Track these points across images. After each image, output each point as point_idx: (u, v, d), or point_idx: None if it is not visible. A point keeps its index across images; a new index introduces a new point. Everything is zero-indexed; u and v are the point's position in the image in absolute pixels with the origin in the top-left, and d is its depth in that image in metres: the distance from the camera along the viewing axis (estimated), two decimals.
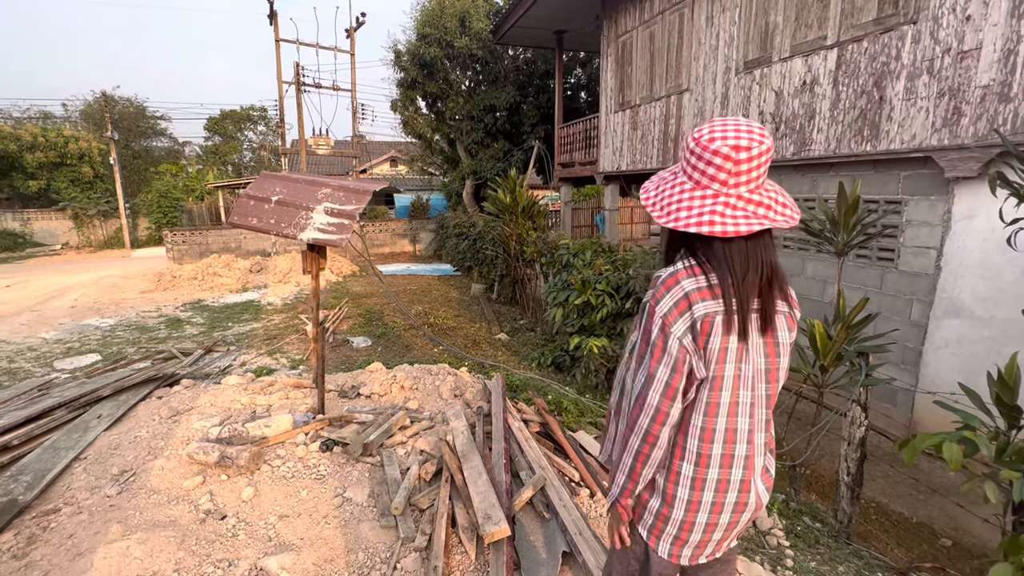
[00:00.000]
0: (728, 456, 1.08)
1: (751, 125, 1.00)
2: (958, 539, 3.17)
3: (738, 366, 1.03)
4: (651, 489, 1.15)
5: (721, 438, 1.07)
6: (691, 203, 1.01)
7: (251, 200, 3.04)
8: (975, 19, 3.53)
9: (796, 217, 1.02)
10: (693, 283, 1.02)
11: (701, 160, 1.01)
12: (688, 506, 1.09)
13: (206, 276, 11.13)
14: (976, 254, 3.70)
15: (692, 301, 1.01)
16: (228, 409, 3.49)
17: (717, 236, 0.99)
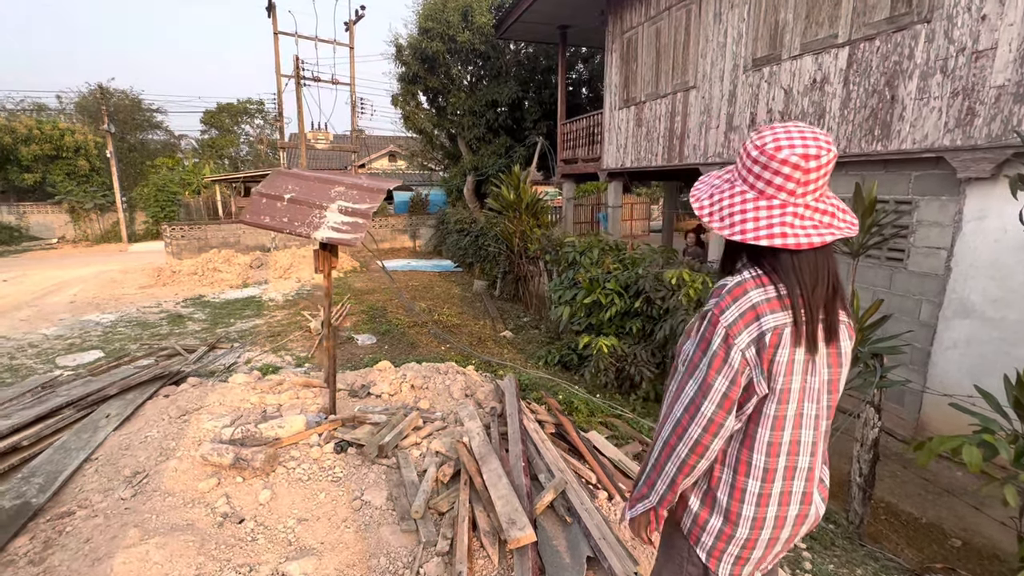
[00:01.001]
0: (791, 468, 1.07)
1: (816, 132, 0.98)
2: (968, 540, 3.19)
3: (804, 378, 1.02)
4: (710, 507, 1.11)
5: (785, 451, 1.06)
6: (757, 214, 0.99)
7: (264, 198, 3.00)
8: (991, 19, 3.51)
9: (855, 224, 1.01)
10: (761, 294, 1.00)
11: (767, 169, 0.99)
12: (753, 523, 1.07)
13: (206, 271, 11.05)
14: (987, 255, 3.69)
15: (760, 313, 0.99)
16: (238, 409, 3.46)
17: (790, 248, 0.98)
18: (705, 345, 1.03)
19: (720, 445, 1.05)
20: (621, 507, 2.40)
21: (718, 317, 1.02)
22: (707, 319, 1.05)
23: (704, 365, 1.03)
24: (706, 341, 1.03)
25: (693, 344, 1.07)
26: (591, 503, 2.23)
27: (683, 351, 1.14)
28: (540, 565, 1.92)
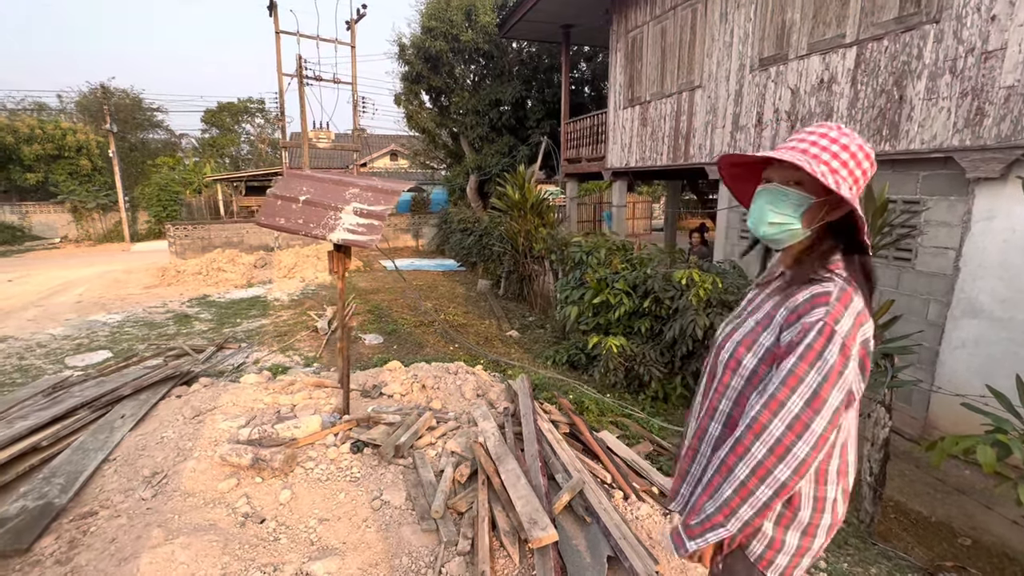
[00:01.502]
0: (849, 464, 1.10)
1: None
2: (978, 538, 3.21)
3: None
4: (785, 526, 1.06)
5: (849, 451, 1.09)
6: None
7: (278, 200, 3.02)
8: (1000, 19, 3.52)
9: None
10: (860, 301, 1.00)
11: (865, 176, 1.05)
12: (828, 530, 1.08)
13: (210, 271, 11.07)
14: (995, 255, 3.71)
15: (863, 321, 0.98)
16: (251, 409, 3.48)
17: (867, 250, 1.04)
18: (814, 356, 0.95)
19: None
20: (637, 507, 2.42)
21: (832, 328, 0.96)
22: (817, 330, 0.96)
23: (815, 379, 0.95)
24: (815, 352, 0.95)
25: (796, 358, 0.97)
26: (609, 503, 2.25)
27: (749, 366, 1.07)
28: (561, 564, 1.94)
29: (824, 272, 1.03)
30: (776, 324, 1.05)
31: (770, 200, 1.08)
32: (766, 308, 1.11)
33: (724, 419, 1.12)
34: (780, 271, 1.15)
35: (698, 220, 13.50)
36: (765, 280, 1.19)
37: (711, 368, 1.21)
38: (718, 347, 1.19)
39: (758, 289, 1.21)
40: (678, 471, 1.26)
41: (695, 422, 1.23)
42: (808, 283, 1.02)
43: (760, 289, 1.20)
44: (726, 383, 1.11)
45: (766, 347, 1.05)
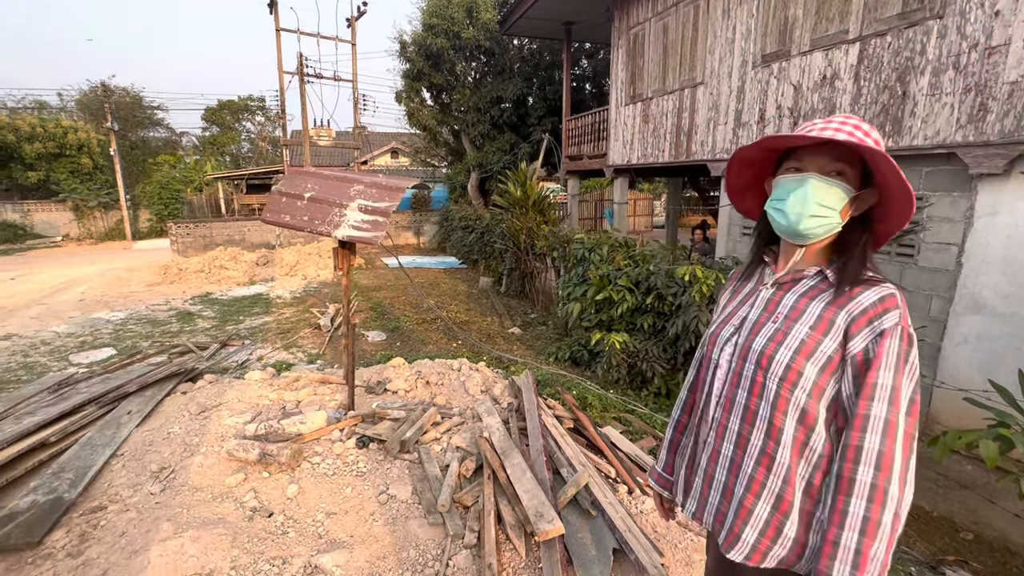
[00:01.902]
0: None
1: None
2: (979, 533, 3.22)
3: None
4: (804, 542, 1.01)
5: None
6: None
7: (283, 197, 3.04)
8: (1004, 14, 3.51)
9: None
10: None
11: None
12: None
13: (212, 269, 11.09)
14: (998, 251, 3.72)
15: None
16: (257, 405, 3.50)
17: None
18: (904, 365, 0.92)
19: None
20: (642, 501, 2.44)
21: (909, 331, 0.94)
22: (899, 336, 0.93)
23: (911, 388, 0.93)
24: (904, 360, 0.92)
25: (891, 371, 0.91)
26: (614, 496, 2.27)
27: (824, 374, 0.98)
28: (567, 557, 1.96)
29: (869, 271, 1.00)
30: (838, 329, 0.97)
31: (816, 190, 1.00)
32: (815, 311, 1.01)
33: (767, 428, 1.03)
34: (816, 270, 1.06)
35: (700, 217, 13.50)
36: (787, 279, 1.10)
37: (732, 378, 1.11)
38: (747, 355, 1.07)
39: (775, 288, 1.11)
40: (703, 474, 1.17)
41: (712, 434, 1.14)
42: (863, 283, 0.98)
43: (782, 289, 1.09)
44: (785, 397, 0.99)
45: (828, 355, 0.97)
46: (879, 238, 1.07)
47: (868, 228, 1.05)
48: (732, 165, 1.16)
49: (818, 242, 1.06)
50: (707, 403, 1.18)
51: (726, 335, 1.15)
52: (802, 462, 1.01)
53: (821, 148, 1.02)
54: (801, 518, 1.01)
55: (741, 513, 1.05)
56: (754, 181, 1.19)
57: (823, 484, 0.99)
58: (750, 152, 1.12)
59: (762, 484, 1.03)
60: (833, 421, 1.00)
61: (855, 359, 0.95)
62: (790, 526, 1.01)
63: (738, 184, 1.21)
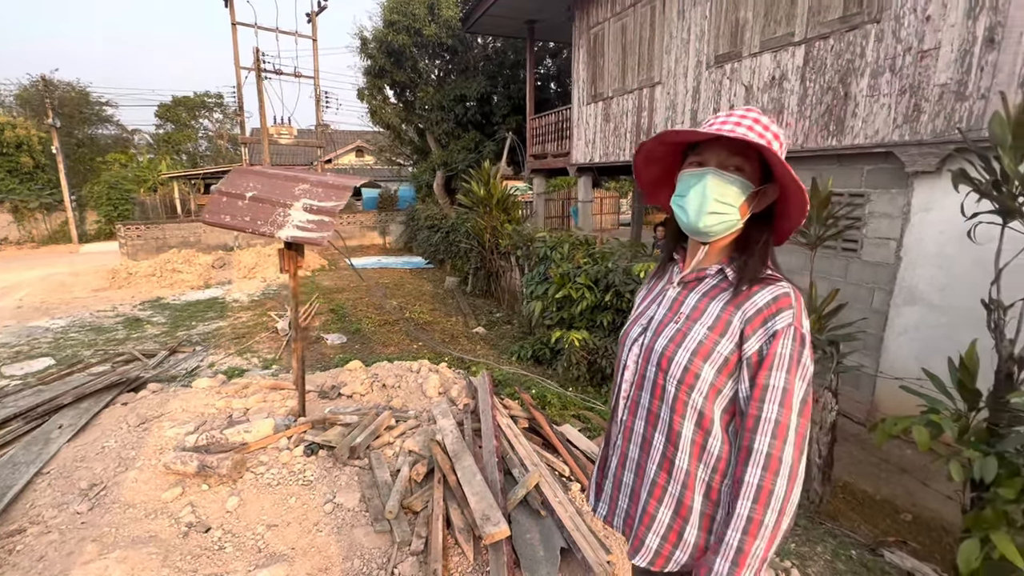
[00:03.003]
0: None
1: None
2: (917, 514, 3.38)
3: None
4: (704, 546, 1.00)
5: None
6: None
7: (224, 197, 2.91)
8: (934, 19, 3.69)
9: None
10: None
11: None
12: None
13: (164, 272, 10.62)
14: (933, 245, 3.90)
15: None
16: (202, 414, 3.35)
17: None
18: (796, 365, 0.91)
19: None
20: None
21: (802, 332, 0.93)
22: (792, 336, 0.92)
23: (803, 388, 0.92)
24: (796, 361, 0.91)
25: (782, 371, 0.91)
26: (564, 495, 2.26)
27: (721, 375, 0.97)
28: (515, 559, 1.94)
29: (769, 269, 1.00)
30: (734, 330, 0.95)
31: (713, 186, 0.98)
32: (713, 311, 0.99)
33: (667, 432, 1.02)
34: (717, 268, 1.04)
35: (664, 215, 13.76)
36: (691, 277, 1.07)
37: (637, 380, 1.09)
38: (650, 356, 1.05)
39: (681, 287, 1.09)
40: (612, 478, 1.16)
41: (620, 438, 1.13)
42: (760, 282, 0.96)
43: (687, 288, 1.08)
44: (682, 400, 0.98)
45: (725, 356, 0.96)
46: (780, 235, 1.06)
47: (769, 225, 1.05)
48: (637, 160, 1.13)
49: (721, 239, 1.04)
50: (616, 405, 1.16)
51: (634, 335, 1.13)
52: (701, 465, 0.99)
53: (720, 143, 1.00)
54: (701, 522, 1.00)
55: (645, 519, 1.04)
56: (665, 175, 1.16)
57: (721, 486, 0.99)
58: (653, 147, 1.09)
59: (663, 489, 1.02)
60: (731, 422, 0.99)
61: (750, 360, 0.94)
62: (690, 530, 1.00)
63: (649, 179, 1.18)
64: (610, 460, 1.18)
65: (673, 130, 1.02)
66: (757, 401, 0.91)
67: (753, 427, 0.91)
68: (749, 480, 0.90)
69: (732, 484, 0.95)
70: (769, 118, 1.02)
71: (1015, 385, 2.40)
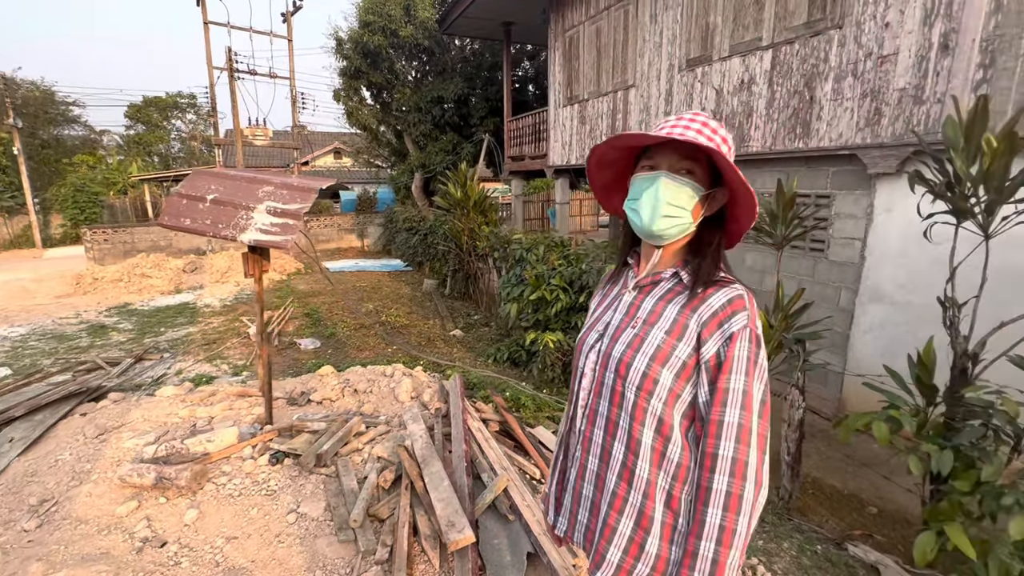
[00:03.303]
0: None
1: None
2: (882, 507, 3.46)
3: None
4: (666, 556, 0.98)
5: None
6: None
7: (184, 199, 2.82)
8: (893, 26, 3.80)
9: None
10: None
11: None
12: None
13: (133, 277, 10.30)
14: (895, 244, 4.01)
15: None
16: (164, 424, 3.25)
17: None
18: (754, 367, 0.91)
19: None
20: None
21: (757, 333, 0.93)
22: (748, 338, 0.92)
23: (761, 390, 0.92)
24: (753, 363, 0.91)
25: (741, 374, 0.91)
26: (532, 499, 2.25)
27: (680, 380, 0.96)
28: (481, 564, 1.92)
29: (721, 271, 1.00)
30: (691, 333, 0.95)
31: (665, 189, 0.97)
32: (669, 315, 0.98)
33: (627, 440, 0.99)
34: (671, 272, 1.03)
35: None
36: (646, 281, 1.06)
37: (595, 388, 1.07)
38: (607, 362, 1.03)
39: (636, 292, 1.07)
40: (572, 491, 1.13)
41: (578, 448, 1.10)
42: (715, 285, 0.97)
43: (643, 292, 1.06)
44: (642, 407, 0.96)
45: (683, 360, 0.95)
46: (731, 238, 1.07)
47: (721, 228, 1.05)
48: (590, 164, 1.12)
49: (674, 243, 1.04)
50: (573, 415, 1.13)
51: (591, 341, 1.10)
52: (661, 473, 0.97)
53: (671, 146, 1.00)
54: (662, 532, 0.98)
55: (605, 532, 1.02)
56: (618, 180, 1.15)
57: (682, 494, 0.97)
58: (605, 151, 1.08)
59: (624, 500, 1.00)
60: (691, 428, 0.98)
61: (708, 364, 0.93)
62: (651, 541, 0.98)
63: (603, 182, 1.17)
64: (569, 472, 1.15)
65: (624, 133, 1.01)
66: (719, 405, 0.91)
67: (716, 432, 0.90)
68: (717, 487, 0.89)
69: (695, 491, 0.93)
70: (718, 122, 1.02)
71: (969, 380, 2.48)
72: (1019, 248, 2.34)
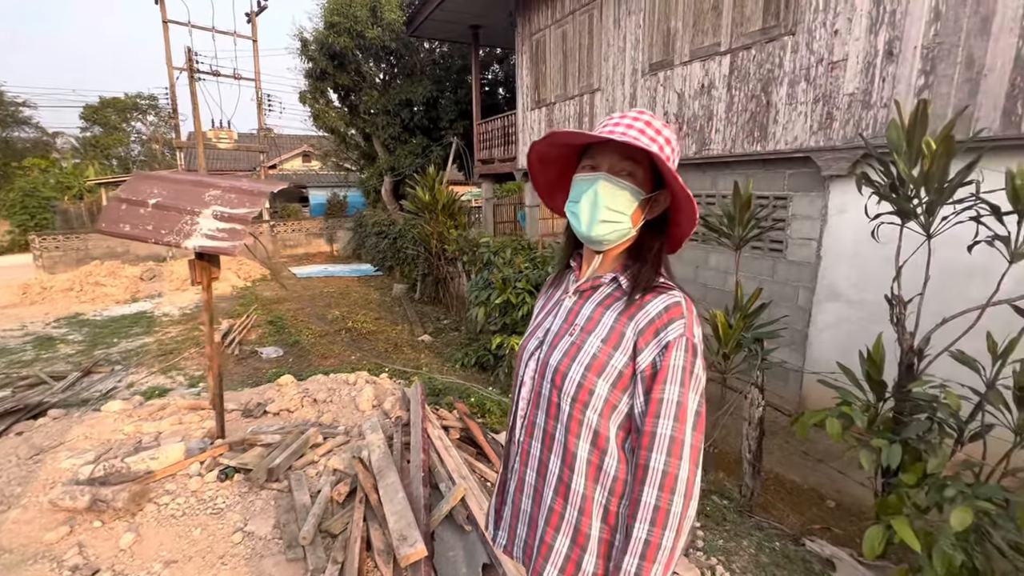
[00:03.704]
0: None
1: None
2: (840, 500, 3.55)
3: None
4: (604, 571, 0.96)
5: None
6: None
7: (123, 204, 2.68)
8: (842, 33, 3.92)
9: None
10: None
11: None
12: None
13: (86, 286, 9.83)
14: (849, 244, 4.13)
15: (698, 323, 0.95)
16: (108, 441, 3.08)
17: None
18: (690, 378, 0.89)
19: None
20: None
21: (694, 342, 0.91)
22: (684, 347, 0.89)
23: (697, 401, 0.90)
24: (689, 373, 0.89)
25: (676, 385, 0.89)
26: None
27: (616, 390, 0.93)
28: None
29: (662, 277, 0.97)
30: (628, 342, 0.92)
31: (604, 192, 0.94)
32: (607, 322, 0.95)
33: (563, 454, 0.96)
34: (611, 277, 1.00)
35: None
36: (586, 286, 1.03)
37: (533, 398, 1.03)
38: (545, 371, 1.00)
39: (576, 297, 1.03)
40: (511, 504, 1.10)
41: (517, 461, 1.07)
42: (653, 291, 0.93)
43: (582, 298, 1.02)
44: (577, 419, 0.93)
45: (619, 370, 0.92)
46: (673, 242, 1.04)
47: (663, 233, 1.02)
48: (531, 161, 1.08)
49: (615, 247, 1.00)
50: (513, 425, 1.09)
51: (531, 349, 1.06)
52: (598, 488, 0.94)
53: (611, 146, 0.96)
54: (599, 549, 0.95)
55: (543, 549, 0.98)
56: (561, 178, 1.10)
57: (619, 508, 0.94)
58: (545, 148, 1.04)
59: (560, 516, 0.97)
60: (627, 439, 0.95)
61: (644, 374, 0.90)
62: (588, 559, 0.95)
63: (547, 181, 1.13)
64: (508, 484, 1.11)
65: (561, 131, 0.97)
66: (652, 417, 0.88)
67: (649, 444, 0.88)
68: (646, 501, 0.87)
69: (629, 505, 0.91)
70: (662, 122, 0.99)
71: (915, 375, 2.55)
72: (959, 247, 2.42)
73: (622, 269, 1.01)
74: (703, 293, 5.53)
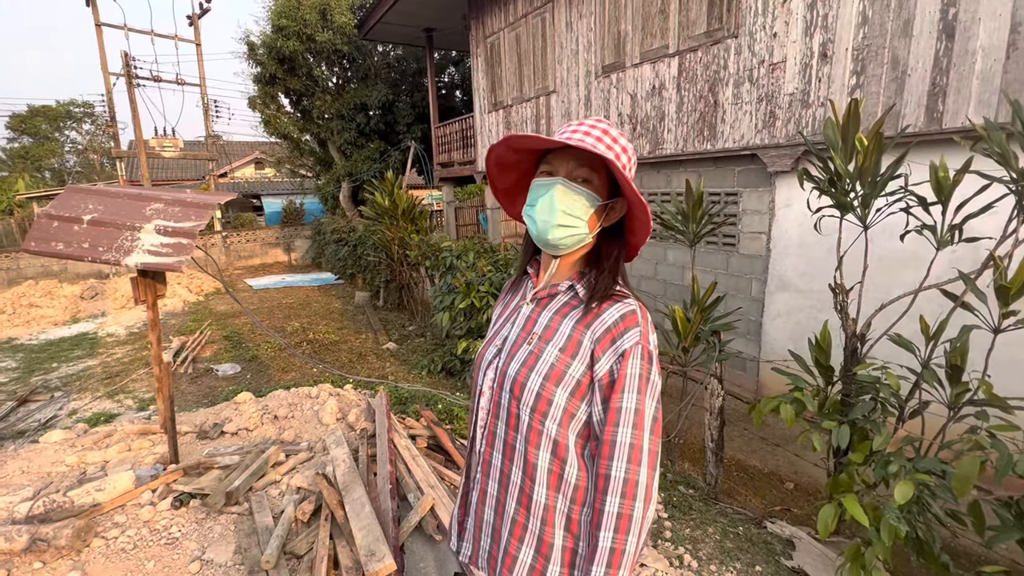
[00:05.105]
0: None
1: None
2: (798, 481, 3.71)
3: None
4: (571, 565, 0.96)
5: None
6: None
7: (54, 220, 2.51)
8: (780, 36, 4.11)
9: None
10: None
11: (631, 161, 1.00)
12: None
13: (19, 308, 9.16)
14: (795, 236, 4.33)
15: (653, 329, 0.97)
16: (48, 475, 2.88)
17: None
18: (646, 385, 0.91)
19: None
20: None
21: (650, 349, 0.92)
22: (640, 355, 0.91)
23: (654, 407, 0.91)
24: (646, 380, 0.90)
25: (633, 392, 0.90)
26: None
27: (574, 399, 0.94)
28: None
29: (618, 285, 0.98)
30: (585, 350, 0.92)
31: (561, 197, 0.94)
32: (564, 331, 0.95)
33: (523, 464, 0.96)
34: (568, 284, 1.00)
35: None
36: (544, 294, 1.03)
37: (493, 408, 1.03)
38: (503, 381, 1.00)
39: (534, 304, 1.03)
40: (474, 515, 1.09)
41: (479, 471, 1.07)
42: (610, 299, 0.94)
43: (540, 305, 1.02)
44: (537, 429, 0.94)
45: (577, 379, 0.92)
46: (630, 250, 1.05)
47: (620, 240, 1.03)
48: (489, 164, 1.07)
49: (572, 254, 1.01)
50: (473, 435, 1.09)
51: (489, 357, 1.06)
52: (560, 497, 0.95)
53: (570, 152, 0.97)
54: (563, 558, 0.95)
55: (507, 561, 0.98)
56: (520, 183, 1.10)
57: (581, 516, 0.95)
58: (504, 152, 1.03)
59: (523, 527, 0.97)
60: (586, 447, 0.96)
61: (601, 382, 0.91)
62: (552, 569, 0.95)
63: (506, 186, 1.12)
64: (470, 495, 1.11)
65: (518, 135, 0.96)
66: (612, 425, 0.89)
67: (609, 453, 0.89)
68: (609, 510, 0.88)
69: (591, 514, 0.92)
70: (619, 131, 1.00)
71: (859, 359, 2.70)
72: (893, 237, 2.58)
73: (579, 276, 1.01)
74: (663, 289, 5.68)
